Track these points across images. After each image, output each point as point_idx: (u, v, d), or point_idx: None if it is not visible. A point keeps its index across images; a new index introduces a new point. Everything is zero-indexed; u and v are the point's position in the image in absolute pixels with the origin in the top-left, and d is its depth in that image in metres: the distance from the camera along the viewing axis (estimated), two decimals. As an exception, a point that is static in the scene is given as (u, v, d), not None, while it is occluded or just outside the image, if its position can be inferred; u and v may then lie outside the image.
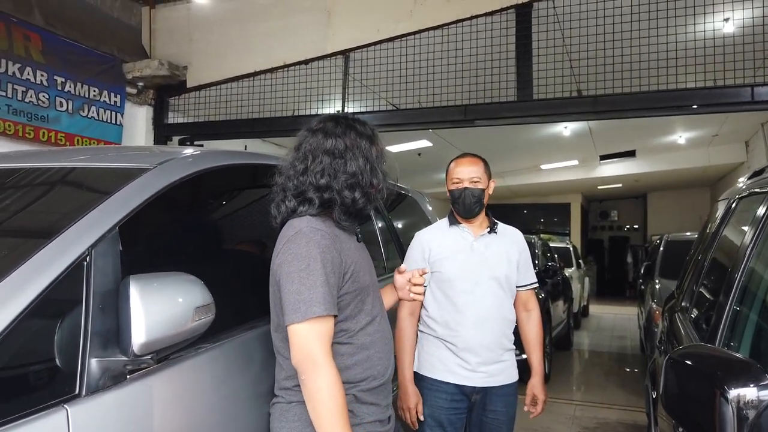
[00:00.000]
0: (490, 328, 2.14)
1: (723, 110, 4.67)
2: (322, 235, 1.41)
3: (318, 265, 1.36)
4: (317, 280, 1.35)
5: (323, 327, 1.36)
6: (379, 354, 1.53)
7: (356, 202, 1.49)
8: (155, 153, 1.86)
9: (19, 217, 1.47)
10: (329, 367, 1.34)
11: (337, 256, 1.42)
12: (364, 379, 1.49)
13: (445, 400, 2.13)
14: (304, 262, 1.37)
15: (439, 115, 4.85)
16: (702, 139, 9.70)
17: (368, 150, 1.52)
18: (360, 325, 1.49)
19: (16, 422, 1.04)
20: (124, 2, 5.80)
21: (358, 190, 1.48)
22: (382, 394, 1.55)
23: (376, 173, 1.52)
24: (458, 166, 2.22)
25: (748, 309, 1.59)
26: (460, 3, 4.72)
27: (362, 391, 1.48)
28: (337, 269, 1.41)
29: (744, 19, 4.08)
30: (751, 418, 0.96)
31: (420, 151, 8.97)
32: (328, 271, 1.38)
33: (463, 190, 2.16)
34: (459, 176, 2.18)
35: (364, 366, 1.49)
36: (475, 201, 2.16)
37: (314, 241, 1.39)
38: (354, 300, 1.48)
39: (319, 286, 1.35)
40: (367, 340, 1.50)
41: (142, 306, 1.20)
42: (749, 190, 2.10)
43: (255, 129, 5.46)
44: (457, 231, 2.23)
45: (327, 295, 1.36)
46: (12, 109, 4.57)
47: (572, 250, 10.15)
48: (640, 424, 4.34)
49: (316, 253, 1.37)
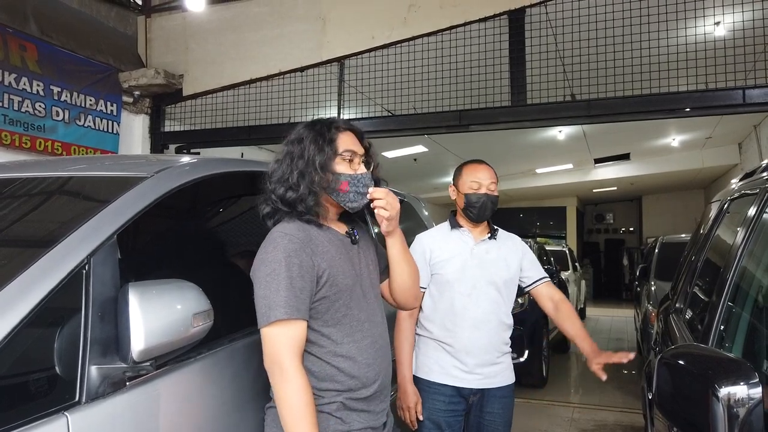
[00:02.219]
0: (486, 331, 2.15)
1: (715, 113, 4.71)
2: (289, 239, 1.40)
3: (282, 269, 1.36)
4: (281, 284, 1.35)
5: (290, 331, 1.35)
6: (367, 360, 1.48)
7: (284, 199, 1.48)
8: (152, 161, 1.87)
9: (18, 227, 1.48)
10: (295, 372, 1.33)
11: (306, 260, 1.40)
12: (352, 387, 1.45)
13: (442, 403, 2.14)
14: (270, 267, 1.38)
15: (435, 121, 4.87)
16: (695, 142, 9.76)
17: (304, 149, 1.50)
18: (344, 331, 1.46)
19: (17, 429, 1.05)
20: (120, 12, 5.82)
21: (287, 182, 1.49)
22: (375, 401, 1.52)
23: (309, 170, 1.47)
24: (477, 171, 2.22)
25: (741, 308, 1.61)
26: (453, 9, 4.76)
27: (351, 399, 1.45)
28: (306, 273, 1.39)
29: (734, 23, 4.12)
30: (741, 416, 0.97)
31: (416, 157, 9.00)
32: (293, 274, 1.37)
33: (483, 195, 2.17)
34: (479, 181, 2.19)
35: (350, 373, 1.45)
36: (492, 207, 2.20)
37: (281, 245, 1.39)
38: (333, 305, 1.45)
39: (283, 290, 1.35)
40: (352, 347, 1.46)
41: (141, 313, 1.22)
42: (741, 192, 2.13)
43: (251, 136, 5.47)
44: (458, 235, 2.25)
45: (291, 299, 1.35)
46: (8, 119, 4.58)
47: (568, 254, 10.18)
48: (637, 426, 4.35)
49: (281, 257, 1.38)
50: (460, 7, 4.74)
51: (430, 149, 8.61)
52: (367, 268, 1.60)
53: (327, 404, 1.43)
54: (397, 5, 4.95)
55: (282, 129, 1.64)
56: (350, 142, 1.54)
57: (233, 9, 5.62)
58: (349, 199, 1.50)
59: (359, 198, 1.51)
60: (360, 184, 1.50)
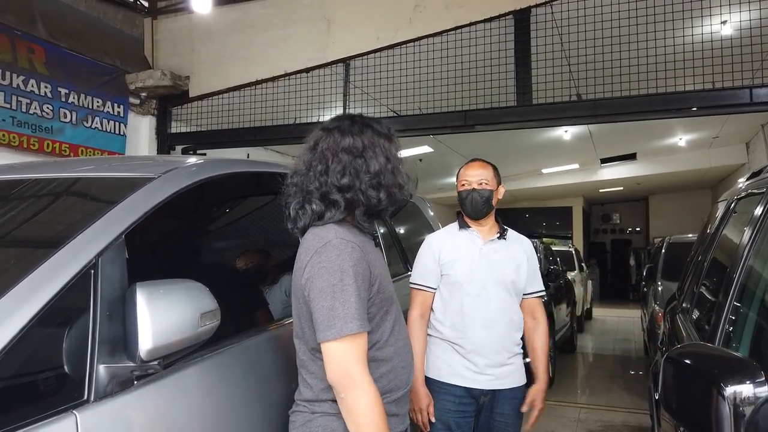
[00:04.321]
0: (497, 331, 2.17)
1: (722, 112, 4.68)
2: (353, 247, 1.35)
3: (351, 280, 1.31)
4: (351, 296, 1.30)
5: (359, 343, 1.31)
6: (402, 363, 1.48)
7: (381, 203, 1.42)
8: (159, 162, 1.88)
9: (28, 227, 1.50)
10: (369, 383, 1.30)
11: (366, 269, 1.37)
12: (390, 390, 1.44)
13: (452, 403, 2.15)
14: (337, 277, 1.31)
15: (440, 121, 4.87)
16: (702, 141, 9.70)
17: (388, 148, 1.46)
18: (385, 336, 1.44)
19: (27, 428, 1.06)
20: (127, 14, 5.85)
21: (382, 190, 1.42)
22: (402, 403, 1.50)
23: (399, 172, 1.46)
24: (467, 169, 2.28)
25: (748, 308, 1.60)
26: (458, 10, 4.76)
27: (388, 403, 1.42)
28: (367, 282, 1.36)
29: (741, 22, 4.10)
30: (747, 415, 0.97)
31: (421, 157, 8.99)
32: (359, 285, 1.32)
33: (470, 191, 2.21)
34: (467, 179, 2.24)
35: (390, 377, 1.44)
36: (483, 202, 2.20)
37: (346, 253, 1.33)
38: (380, 311, 1.43)
39: (353, 301, 1.30)
40: (391, 351, 1.45)
41: (148, 312, 1.22)
42: (747, 191, 2.12)
43: (257, 137, 5.49)
44: (466, 235, 2.26)
45: (361, 311, 1.31)
46: (16, 121, 4.61)
47: (574, 254, 10.15)
48: (644, 427, 4.33)
49: (348, 267, 1.32)
50: (466, 7, 4.74)
51: (435, 150, 8.60)
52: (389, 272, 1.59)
53: None
54: (402, 6, 4.95)
55: (288, 130, 1.65)
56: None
57: (239, 10, 5.64)
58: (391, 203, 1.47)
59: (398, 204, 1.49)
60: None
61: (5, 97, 4.53)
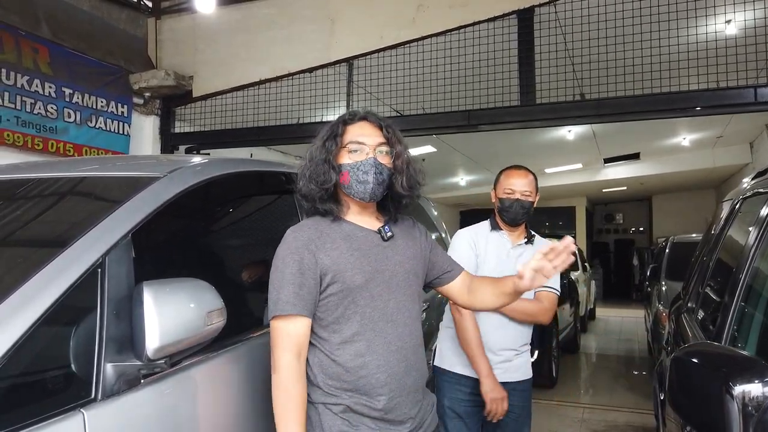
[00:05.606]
0: (512, 329, 2.23)
1: (726, 112, 4.67)
2: (294, 237, 1.44)
3: (284, 266, 1.40)
4: (282, 281, 1.39)
5: (289, 326, 1.38)
6: (377, 361, 1.41)
7: (303, 195, 1.51)
8: (165, 162, 1.89)
9: (34, 226, 1.50)
10: (282, 367, 1.36)
11: (309, 257, 1.40)
12: (359, 387, 1.40)
13: (464, 393, 2.22)
14: (275, 265, 1.43)
15: (443, 121, 4.86)
16: (706, 141, 9.67)
17: (315, 146, 1.52)
18: (353, 328, 1.41)
19: (35, 426, 1.07)
20: (130, 14, 5.86)
21: (303, 181, 1.51)
22: (394, 411, 1.43)
23: (317, 167, 1.48)
24: (510, 177, 2.29)
25: (754, 308, 1.60)
26: (462, 9, 4.75)
27: (360, 404, 1.40)
28: (308, 270, 1.40)
29: (746, 21, 4.09)
30: (756, 415, 0.97)
31: (424, 157, 8.99)
32: (293, 271, 1.39)
33: (515, 200, 2.24)
34: (512, 187, 2.26)
35: (359, 374, 1.40)
36: (524, 212, 2.26)
37: (286, 243, 1.44)
38: (342, 302, 1.41)
39: (285, 285, 1.39)
40: (361, 346, 1.41)
41: (155, 311, 1.23)
42: (753, 191, 2.12)
43: (261, 137, 5.49)
44: (497, 236, 2.31)
45: (290, 295, 1.38)
46: (21, 121, 4.63)
47: (578, 254, 10.13)
48: (649, 427, 4.32)
49: (284, 254, 1.42)
50: (469, 6, 4.73)
51: (438, 150, 8.59)
52: (401, 266, 1.51)
53: (334, 405, 1.40)
54: (406, 5, 4.95)
55: (291, 129, 1.67)
56: (360, 133, 1.49)
57: (242, 10, 5.65)
58: (352, 189, 1.47)
59: (361, 186, 1.46)
60: (359, 171, 1.45)
61: (10, 97, 4.54)
